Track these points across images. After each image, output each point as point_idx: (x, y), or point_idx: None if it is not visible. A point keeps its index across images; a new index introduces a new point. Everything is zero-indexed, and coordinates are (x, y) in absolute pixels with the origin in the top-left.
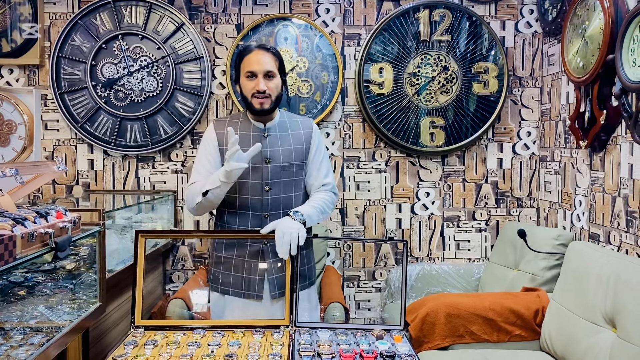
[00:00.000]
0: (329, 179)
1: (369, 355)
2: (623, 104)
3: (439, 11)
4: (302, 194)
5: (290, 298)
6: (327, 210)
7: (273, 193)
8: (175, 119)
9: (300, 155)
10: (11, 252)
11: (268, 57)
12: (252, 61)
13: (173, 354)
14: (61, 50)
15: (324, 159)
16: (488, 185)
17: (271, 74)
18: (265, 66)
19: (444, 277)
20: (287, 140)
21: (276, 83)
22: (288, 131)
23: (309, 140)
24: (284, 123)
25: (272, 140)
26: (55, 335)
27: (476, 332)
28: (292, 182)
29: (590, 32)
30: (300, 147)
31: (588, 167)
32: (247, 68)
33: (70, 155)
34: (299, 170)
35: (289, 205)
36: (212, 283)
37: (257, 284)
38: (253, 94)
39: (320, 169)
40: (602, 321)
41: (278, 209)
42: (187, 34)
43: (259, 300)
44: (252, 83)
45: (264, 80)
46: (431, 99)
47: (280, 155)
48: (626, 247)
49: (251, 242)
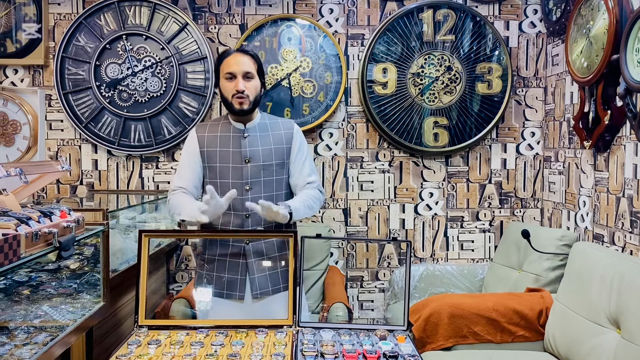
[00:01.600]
0: (314, 177)
1: (372, 356)
2: (627, 104)
3: (443, 11)
4: (284, 193)
5: (293, 298)
6: (314, 206)
7: (254, 192)
8: (179, 119)
9: (281, 155)
10: (15, 251)
11: (246, 59)
12: (231, 63)
13: (177, 353)
14: (65, 51)
15: (307, 159)
16: (492, 185)
17: (250, 75)
18: (244, 67)
19: (447, 278)
20: (267, 140)
21: (255, 84)
22: (268, 131)
23: (290, 140)
24: (264, 124)
25: (252, 140)
26: (59, 334)
27: (480, 333)
28: (273, 182)
29: (594, 32)
30: (280, 147)
31: (592, 167)
32: (226, 69)
33: (74, 155)
34: (279, 170)
35: None
36: (196, 284)
37: (238, 284)
38: (233, 95)
39: (303, 169)
40: (606, 322)
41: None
42: (191, 34)
43: (240, 301)
44: (231, 84)
45: (242, 81)
46: (435, 99)
47: (260, 155)
48: (630, 247)
49: (233, 241)
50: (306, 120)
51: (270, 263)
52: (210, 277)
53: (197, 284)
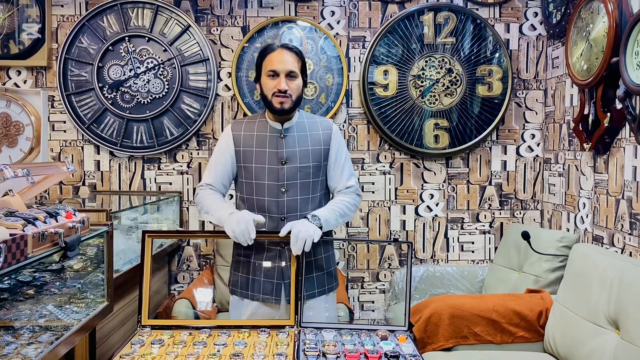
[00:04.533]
0: (352, 181)
1: (374, 356)
2: (627, 107)
3: (444, 14)
4: (320, 195)
5: (296, 298)
6: (348, 213)
7: (290, 195)
8: (181, 120)
9: (318, 157)
10: (22, 251)
11: (291, 56)
12: (275, 60)
13: (180, 353)
14: (68, 52)
15: (346, 161)
16: (492, 187)
17: (293, 74)
18: (288, 66)
19: (447, 279)
20: (305, 141)
21: (298, 83)
22: (306, 132)
23: (328, 142)
24: (302, 123)
25: (290, 140)
26: (63, 333)
27: (480, 334)
28: (309, 184)
29: (594, 35)
30: (318, 149)
31: (592, 169)
32: (269, 67)
33: (77, 156)
34: (316, 172)
35: (306, 208)
36: (231, 286)
37: (274, 287)
38: (274, 93)
39: (343, 172)
40: (606, 323)
41: (295, 211)
42: (193, 36)
43: (276, 304)
44: (273, 82)
45: (285, 80)
46: (435, 101)
47: (297, 156)
48: (630, 249)
49: (269, 244)
50: None
51: (307, 268)
52: (246, 280)
53: (232, 286)
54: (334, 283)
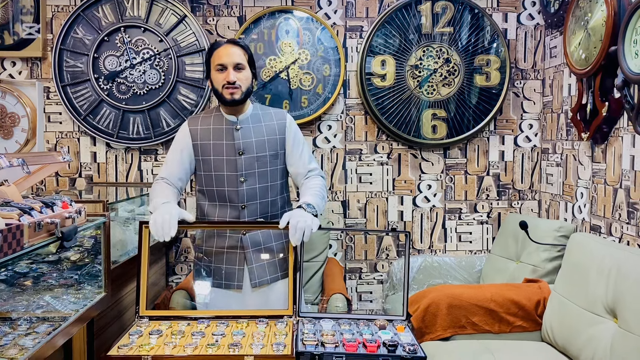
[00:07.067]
0: (314, 164)
1: (372, 345)
2: (625, 96)
3: (441, 3)
4: (280, 183)
5: (294, 288)
6: (325, 196)
7: (248, 184)
8: (177, 111)
9: (274, 146)
10: (19, 241)
11: (237, 50)
12: (222, 54)
13: (178, 343)
14: (63, 43)
15: (304, 147)
16: (490, 177)
17: (240, 66)
18: (235, 58)
19: (445, 269)
20: (260, 131)
21: (246, 75)
22: (261, 122)
23: (283, 131)
24: (257, 115)
25: (245, 132)
26: (61, 324)
27: (478, 323)
28: (267, 172)
29: (592, 24)
30: (273, 138)
31: (590, 159)
32: (217, 61)
33: (73, 148)
34: (273, 161)
35: (265, 196)
36: (195, 276)
37: (236, 273)
38: (224, 86)
39: (302, 157)
40: (603, 312)
41: (254, 199)
42: (189, 26)
43: (239, 290)
44: (222, 75)
45: (233, 72)
46: (433, 91)
47: (254, 147)
48: (627, 238)
49: (230, 233)
50: (305, 113)
51: (268, 253)
52: (209, 268)
53: (196, 276)
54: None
